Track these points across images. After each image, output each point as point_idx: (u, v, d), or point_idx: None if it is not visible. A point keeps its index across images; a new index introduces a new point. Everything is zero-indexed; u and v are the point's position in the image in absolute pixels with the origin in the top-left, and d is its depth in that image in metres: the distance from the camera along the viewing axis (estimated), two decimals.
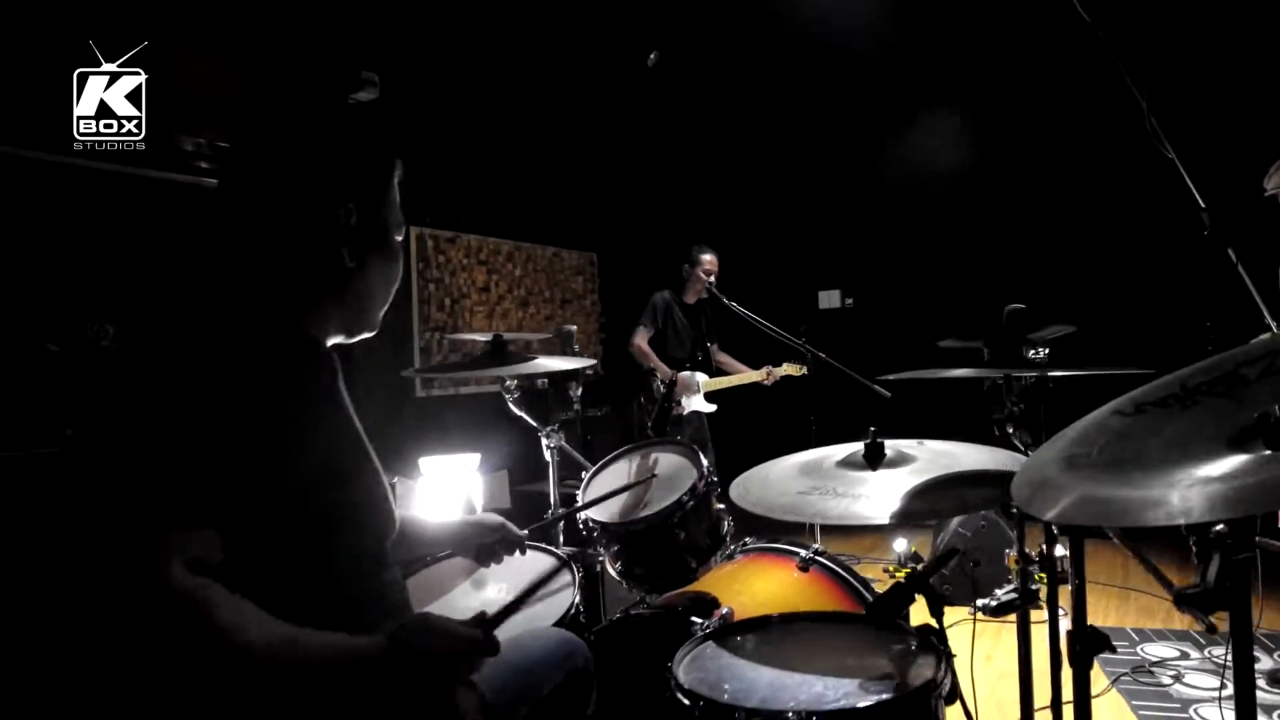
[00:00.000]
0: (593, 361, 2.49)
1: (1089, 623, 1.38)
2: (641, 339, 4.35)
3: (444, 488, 2.66)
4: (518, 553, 1.72)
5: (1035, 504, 0.97)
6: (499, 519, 1.69)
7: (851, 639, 1.49)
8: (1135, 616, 3.64)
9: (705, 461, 1.98)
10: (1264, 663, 3.07)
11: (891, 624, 1.45)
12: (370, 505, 1.13)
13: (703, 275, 4.41)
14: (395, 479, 2.79)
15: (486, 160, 5.41)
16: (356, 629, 1.00)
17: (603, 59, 5.50)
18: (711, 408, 4.48)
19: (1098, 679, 3.01)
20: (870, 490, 1.62)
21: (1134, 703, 2.77)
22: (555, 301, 5.92)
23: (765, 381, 4.54)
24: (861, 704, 1.20)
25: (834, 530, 4.66)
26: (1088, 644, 1.31)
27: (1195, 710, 2.70)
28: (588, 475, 2.13)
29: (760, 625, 1.58)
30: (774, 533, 2.53)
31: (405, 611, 1.20)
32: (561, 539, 2.29)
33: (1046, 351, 3.38)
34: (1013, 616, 2.08)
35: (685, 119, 6.24)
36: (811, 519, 1.56)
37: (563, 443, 2.34)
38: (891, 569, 4.36)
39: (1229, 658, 1.03)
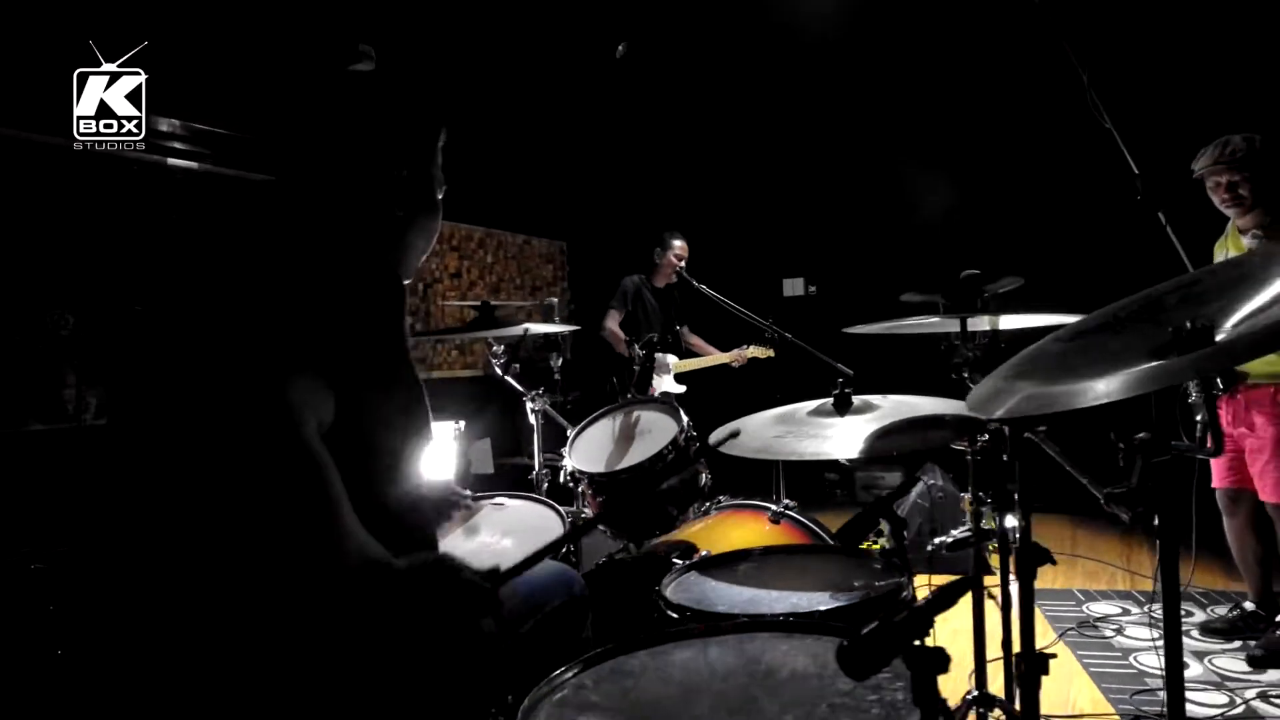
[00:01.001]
0: (576, 327, 2.59)
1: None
2: (613, 322, 4.45)
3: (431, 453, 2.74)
4: (510, 502, 1.83)
5: (987, 407, 1.11)
6: (445, 482, 1.75)
7: (823, 564, 1.62)
8: (1082, 579, 3.86)
9: (685, 418, 2.10)
10: (1197, 616, 3.29)
11: (858, 550, 1.58)
12: (421, 414, 1.20)
13: (674, 259, 4.54)
14: None
15: (459, 147, 5.45)
16: (402, 538, 1.09)
17: (573, 47, 5.59)
18: (681, 389, 4.60)
19: (1045, 633, 3.21)
20: (838, 433, 1.76)
21: (1079, 653, 2.96)
22: (526, 289, 6.00)
23: (735, 363, 4.69)
24: (837, 605, 1.34)
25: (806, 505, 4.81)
26: (1031, 557, 1.45)
27: (1134, 658, 2.91)
28: (573, 432, 2.24)
29: (740, 558, 1.70)
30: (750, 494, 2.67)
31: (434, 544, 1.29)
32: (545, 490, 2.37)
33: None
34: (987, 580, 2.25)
35: (653, 110, 6.36)
36: (786, 457, 1.68)
37: (547, 407, 2.43)
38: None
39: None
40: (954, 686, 2.82)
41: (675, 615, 1.40)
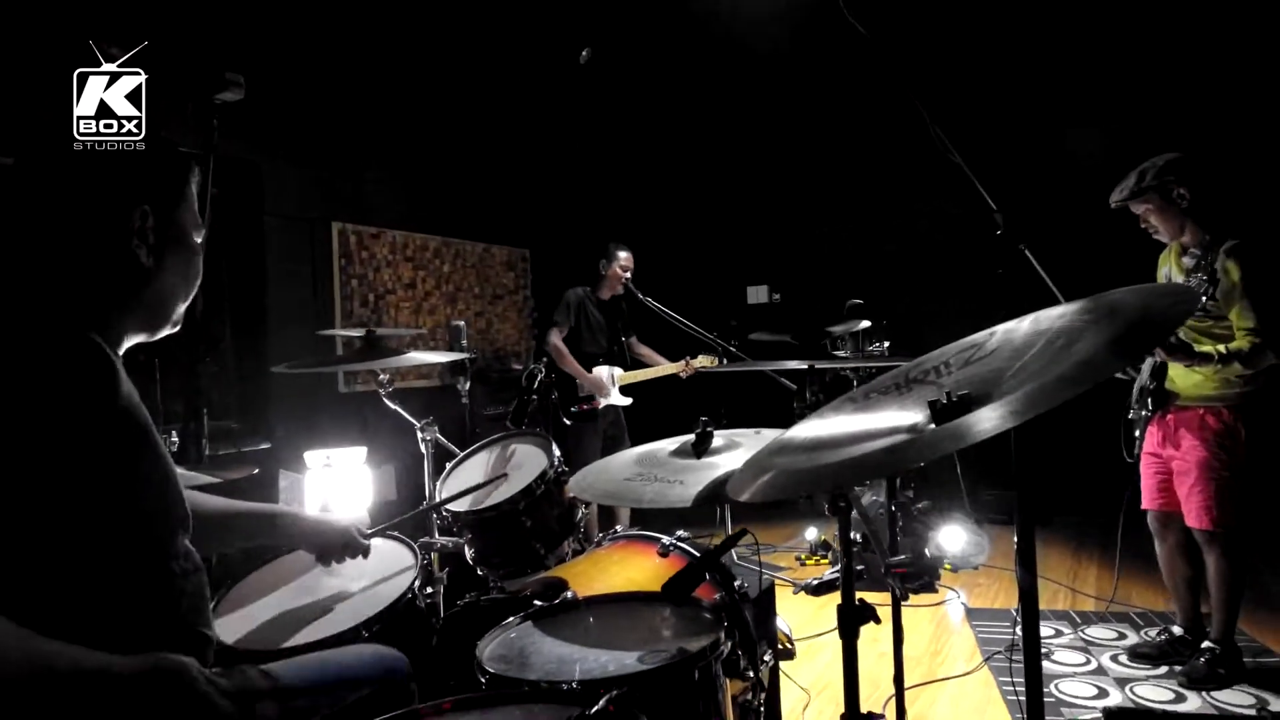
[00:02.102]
0: (469, 355, 2.54)
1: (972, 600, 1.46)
2: (556, 336, 4.42)
3: (331, 482, 2.71)
4: (375, 541, 1.78)
5: (738, 488, 1.05)
6: (348, 524, 1.73)
7: (654, 617, 1.57)
8: (1038, 597, 3.79)
9: (557, 451, 2.05)
10: (1130, 638, 3.23)
11: (688, 601, 1.53)
12: (154, 500, 1.14)
13: (619, 271, 4.49)
14: (280, 472, 2.83)
15: (414, 156, 5.44)
16: (138, 628, 1.05)
17: (536, 55, 5.55)
18: (627, 401, 4.56)
19: (973, 656, 3.16)
20: (689, 476, 1.71)
21: (999, 679, 2.91)
22: (485, 297, 5.96)
23: (683, 373, 4.64)
24: (630, 671, 1.29)
25: (756, 522, 4.77)
26: (853, 616, 1.39)
27: (1055, 685, 2.85)
28: (447, 468, 2.19)
29: (581, 605, 1.65)
30: (686, 524, 2.61)
31: (201, 606, 1.23)
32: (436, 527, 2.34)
33: (887, 345, 3.53)
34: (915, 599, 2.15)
35: (619, 116, 6.31)
36: (627, 504, 1.64)
37: (438, 435, 2.39)
38: (803, 556, 4.49)
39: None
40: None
41: (482, 679, 1.35)
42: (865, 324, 1.62)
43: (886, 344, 3.33)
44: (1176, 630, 2.99)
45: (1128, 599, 3.63)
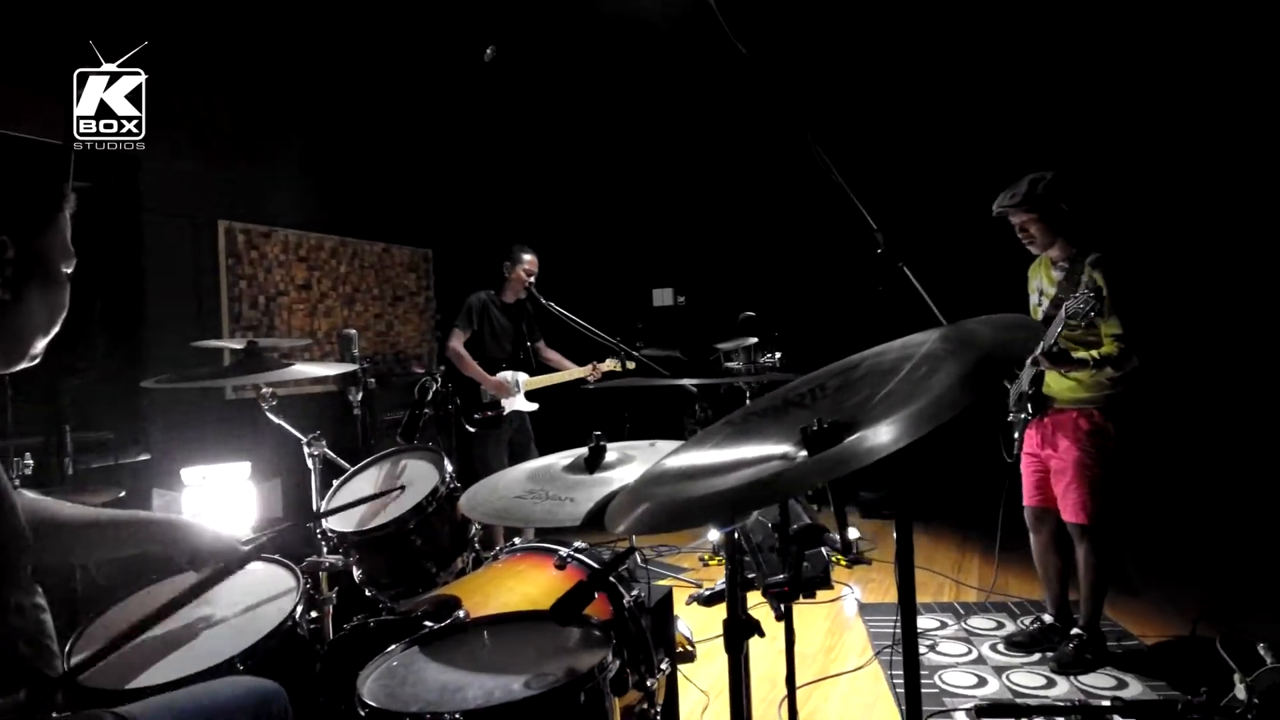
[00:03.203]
0: (361, 365, 2.45)
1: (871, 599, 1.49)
2: (457, 342, 4.34)
3: (211, 499, 2.57)
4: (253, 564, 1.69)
5: (610, 519, 1.05)
6: (221, 531, 1.64)
7: (545, 637, 1.56)
8: (915, 592, 3.96)
9: (449, 467, 2.01)
10: (1008, 627, 3.42)
11: (576, 620, 1.53)
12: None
13: (523, 274, 4.43)
14: (154, 491, 2.66)
15: (309, 152, 5.22)
16: None
17: (439, 50, 5.43)
18: (532, 406, 4.51)
19: (864, 651, 3.28)
20: (581, 493, 1.70)
21: (890, 673, 3.03)
22: (385, 299, 5.79)
23: (591, 377, 4.61)
24: (516, 698, 1.28)
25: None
26: (739, 631, 1.41)
27: (939, 676, 2.99)
28: (334, 485, 2.12)
29: (468, 628, 1.62)
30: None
31: (42, 644, 1.15)
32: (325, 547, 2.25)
33: (779, 357, 3.62)
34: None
35: (524, 115, 6.24)
36: (516, 523, 1.62)
37: (325, 450, 2.30)
38: (705, 557, 4.56)
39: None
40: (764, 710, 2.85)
41: (362, 713, 1.31)
42: (753, 340, 1.66)
43: (778, 355, 3.42)
44: (1047, 618, 3.18)
45: (1006, 589, 3.85)
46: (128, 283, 4.19)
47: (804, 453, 1.01)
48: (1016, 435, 3.12)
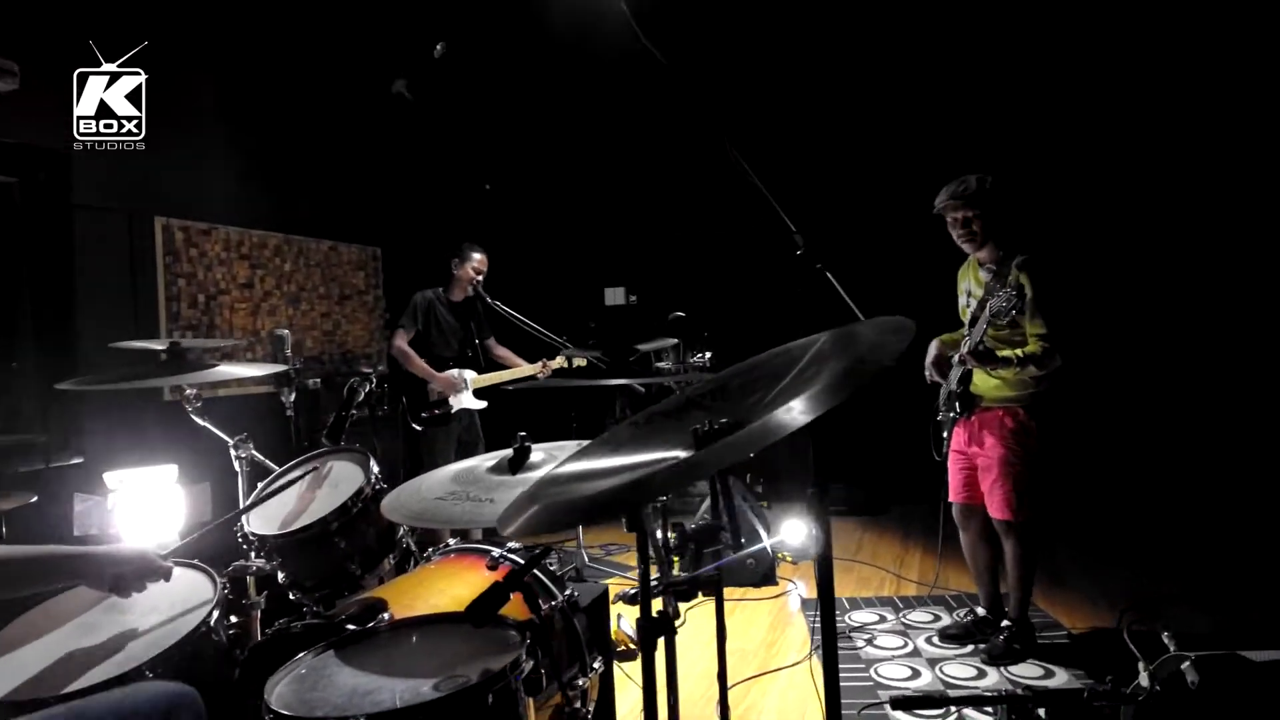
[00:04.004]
0: (293, 366, 2.42)
1: None
2: (401, 340, 4.29)
3: (137, 503, 2.51)
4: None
5: (502, 523, 1.05)
6: (140, 548, 1.61)
7: (463, 639, 1.55)
8: (854, 586, 4.04)
9: (375, 468, 1.99)
10: (944, 620, 3.50)
11: (492, 621, 1.53)
12: None
13: (470, 273, 4.40)
14: (75, 495, 2.59)
15: (252, 147, 5.11)
16: None
17: (388, 44, 5.36)
18: (481, 404, 4.48)
19: (804, 647, 3.33)
20: (501, 494, 1.70)
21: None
22: (332, 298, 5.70)
23: (540, 374, 4.58)
24: (423, 700, 1.28)
25: (613, 522, 4.83)
26: (652, 629, 1.43)
27: (875, 670, 3.04)
28: (258, 488, 2.08)
29: (385, 631, 1.61)
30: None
31: None
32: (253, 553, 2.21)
33: (709, 356, 3.65)
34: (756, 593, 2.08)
35: (474, 113, 6.19)
36: (436, 524, 1.61)
37: (253, 451, 2.27)
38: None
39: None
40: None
41: (267, 719, 1.29)
42: (673, 341, 1.67)
43: (708, 355, 3.45)
44: (980, 610, 3.26)
45: (947, 583, 3.94)
46: (58, 281, 4.06)
47: (692, 453, 1.03)
48: (945, 434, 3.19)
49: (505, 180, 6.40)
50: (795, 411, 0.82)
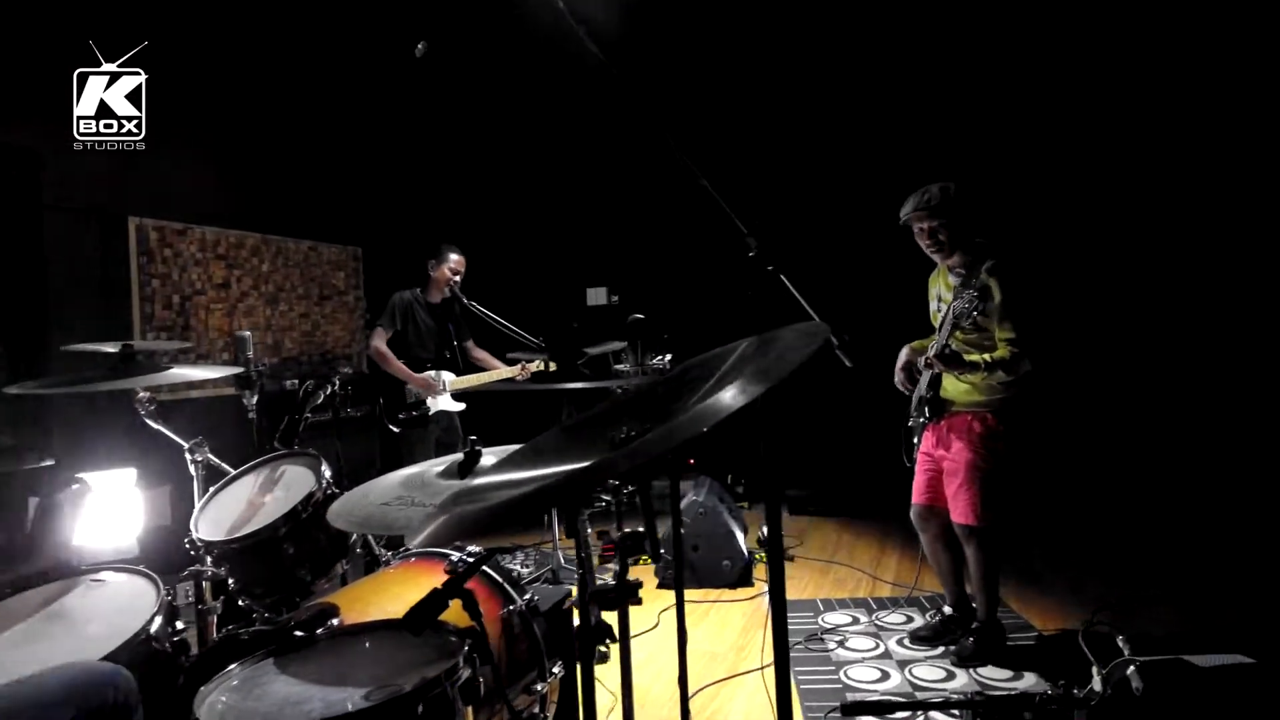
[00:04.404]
0: (255, 368, 2.39)
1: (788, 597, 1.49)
2: (379, 340, 4.29)
3: (94, 507, 2.48)
4: (104, 581, 1.65)
5: (409, 534, 1.03)
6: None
7: (403, 646, 1.53)
8: (830, 587, 4.03)
9: (327, 472, 1.97)
10: (917, 620, 3.49)
11: (430, 628, 1.51)
12: None
13: (447, 274, 4.38)
14: (29, 500, 2.57)
15: (228, 145, 5.08)
16: None
17: (369, 43, 5.34)
18: (459, 406, 4.46)
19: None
20: None
21: (796, 669, 3.07)
22: (311, 298, 5.67)
23: (519, 377, 4.56)
24: (354, 709, 1.26)
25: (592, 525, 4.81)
26: (589, 636, 1.41)
27: (845, 672, 3.03)
28: (210, 492, 2.06)
29: (327, 639, 1.59)
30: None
31: None
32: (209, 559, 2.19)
33: (669, 358, 3.64)
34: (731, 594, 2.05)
35: (456, 111, 6.17)
36: (377, 530, 1.59)
37: (209, 455, 2.24)
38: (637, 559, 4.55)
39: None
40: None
41: None
42: (617, 345, 1.66)
43: (669, 357, 3.43)
44: (948, 610, 3.25)
45: (922, 584, 3.93)
46: (28, 283, 4.03)
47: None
48: (915, 440, 3.19)
49: (488, 178, 6.39)
50: (702, 417, 0.81)
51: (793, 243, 3.80)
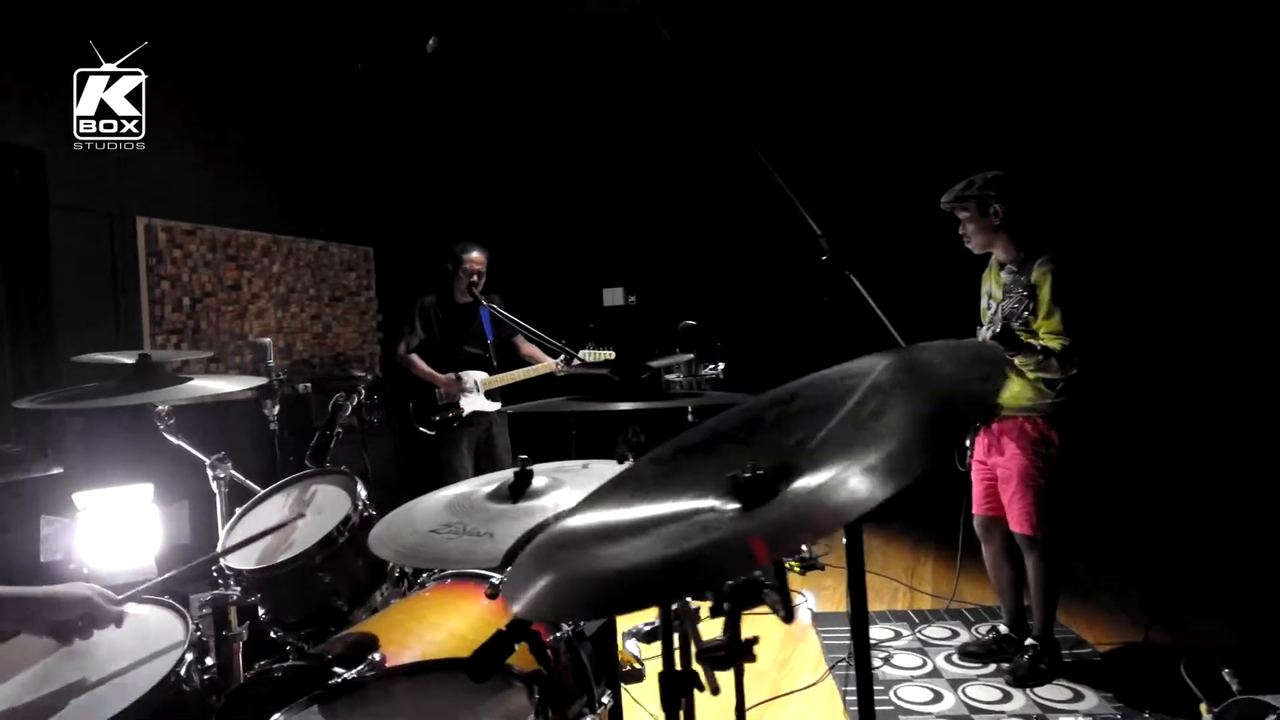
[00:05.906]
0: (261, 381, 2.24)
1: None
2: (403, 347, 4.18)
3: (110, 525, 2.34)
4: (137, 609, 1.51)
5: (509, 591, 0.87)
6: (86, 590, 1.47)
7: (461, 691, 1.40)
8: (869, 600, 3.88)
9: (363, 492, 1.83)
10: (962, 636, 3.35)
11: (495, 673, 1.37)
12: None
13: (464, 275, 4.23)
14: (42, 518, 2.43)
15: (238, 146, 4.93)
16: None
17: (380, 38, 5.20)
18: (494, 405, 4.28)
19: (818, 666, 3.18)
20: (501, 528, 1.54)
21: (844, 689, 2.93)
22: (323, 300, 5.52)
23: (559, 371, 4.35)
24: None
25: None
26: (676, 686, 1.27)
27: (894, 691, 2.90)
28: (236, 514, 1.92)
29: (371, 682, 1.46)
30: None
31: None
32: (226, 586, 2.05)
33: (722, 367, 3.50)
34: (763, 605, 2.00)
35: (469, 108, 6.03)
36: (428, 564, 1.45)
37: (232, 472, 2.11)
38: None
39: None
40: None
41: None
42: (689, 356, 1.55)
43: (721, 366, 3.29)
44: (1003, 628, 3.12)
45: (961, 595, 3.79)
46: (34, 285, 3.89)
47: (734, 505, 0.87)
48: (968, 444, 3.05)
49: (503, 176, 6.24)
50: (868, 477, 0.66)
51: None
